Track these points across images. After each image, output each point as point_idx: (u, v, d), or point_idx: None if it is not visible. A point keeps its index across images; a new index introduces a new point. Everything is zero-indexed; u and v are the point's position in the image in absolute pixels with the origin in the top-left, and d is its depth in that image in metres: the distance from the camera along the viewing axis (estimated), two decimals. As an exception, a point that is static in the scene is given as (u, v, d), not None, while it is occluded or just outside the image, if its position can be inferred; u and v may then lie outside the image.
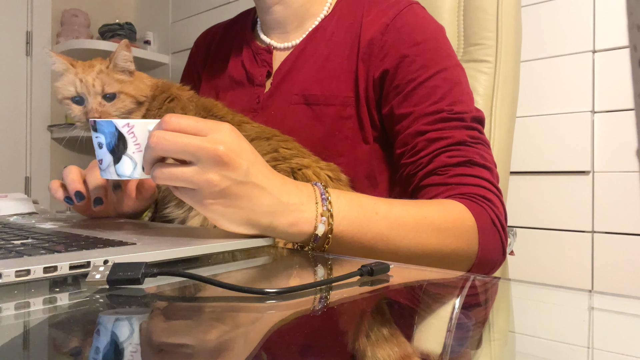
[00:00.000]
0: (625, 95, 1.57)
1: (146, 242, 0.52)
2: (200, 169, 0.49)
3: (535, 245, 1.71)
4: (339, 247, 0.58)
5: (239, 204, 0.52)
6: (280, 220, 0.54)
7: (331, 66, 0.81)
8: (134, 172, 0.54)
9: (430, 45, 0.76)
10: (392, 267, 0.46)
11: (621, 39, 1.58)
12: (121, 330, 0.32)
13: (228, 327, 0.32)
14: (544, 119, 1.71)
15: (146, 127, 0.53)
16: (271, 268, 0.52)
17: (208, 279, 0.40)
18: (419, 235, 0.60)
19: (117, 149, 0.53)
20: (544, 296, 0.45)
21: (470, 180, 0.68)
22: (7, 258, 0.43)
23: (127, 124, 0.53)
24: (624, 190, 1.57)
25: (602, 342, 0.32)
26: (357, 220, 0.58)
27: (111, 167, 0.54)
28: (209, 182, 0.49)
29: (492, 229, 0.66)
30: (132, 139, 0.53)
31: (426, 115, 0.72)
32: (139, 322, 0.34)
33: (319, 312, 0.36)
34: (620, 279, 1.56)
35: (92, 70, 0.77)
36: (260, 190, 0.52)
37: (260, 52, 0.89)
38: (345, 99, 0.79)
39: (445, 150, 0.70)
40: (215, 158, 0.49)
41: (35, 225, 0.67)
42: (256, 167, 0.52)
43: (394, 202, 0.62)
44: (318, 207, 0.56)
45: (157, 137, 0.49)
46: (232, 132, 0.51)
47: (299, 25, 0.86)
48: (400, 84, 0.75)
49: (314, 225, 0.55)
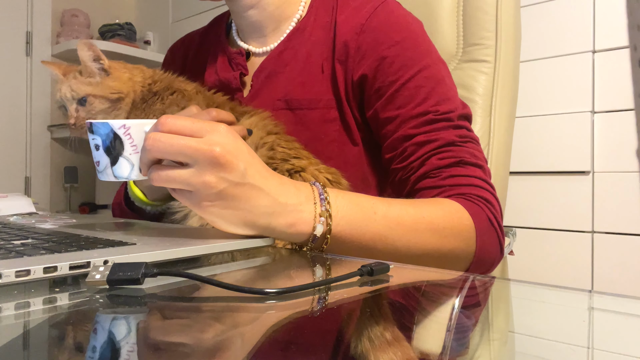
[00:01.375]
0: (625, 95, 1.57)
1: (146, 242, 0.52)
2: (197, 171, 0.49)
3: (535, 245, 1.71)
4: (337, 247, 0.57)
5: (237, 205, 0.51)
6: (279, 221, 0.54)
7: (311, 68, 0.79)
8: (132, 173, 0.53)
9: (409, 43, 0.74)
10: (392, 267, 0.46)
11: (621, 39, 1.58)
12: (121, 330, 0.32)
13: (228, 327, 0.32)
14: (544, 119, 1.71)
15: (142, 128, 0.53)
16: (271, 268, 0.52)
17: (208, 279, 0.40)
18: (418, 235, 0.60)
19: (113, 151, 0.53)
20: (544, 296, 0.45)
21: (464, 180, 0.67)
22: (7, 258, 0.43)
23: (123, 125, 0.52)
24: (624, 190, 1.56)
25: (602, 342, 0.32)
26: (356, 220, 0.57)
27: (108, 169, 0.54)
28: (205, 184, 0.49)
29: (489, 227, 0.66)
30: (129, 140, 0.53)
31: (412, 119, 0.71)
32: (138, 322, 0.34)
33: (318, 312, 0.36)
34: (620, 279, 1.56)
35: (68, 79, 0.81)
36: (257, 191, 0.52)
37: (235, 58, 0.86)
38: (327, 101, 0.77)
39: (435, 152, 0.69)
40: (211, 160, 0.49)
41: (35, 225, 0.67)
42: (253, 167, 0.52)
43: (393, 201, 0.62)
44: (316, 208, 0.55)
45: (152, 139, 0.49)
46: (229, 133, 0.51)
47: (275, 28, 0.84)
48: (381, 86, 0.73)
49: (312, 226, 0.55)
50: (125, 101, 0.81)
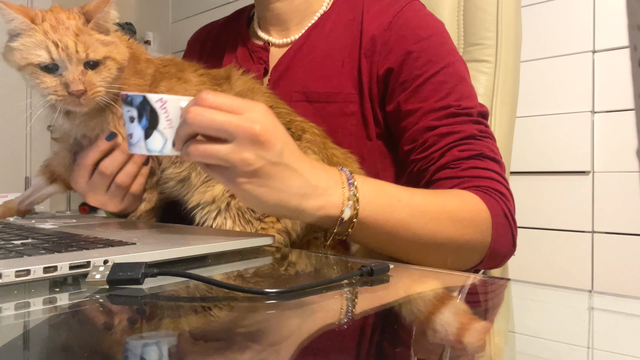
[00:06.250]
0: (625, 95, 1.57)
1: (146, 242, 0.52)
2: (236, 147, 0.49)
3: (535, 245, 1.71)
4: (361, 233, 0.58)
5: (271, 184, 0.52)
6: (309, 203, 0.54)
7: (331, 62, 0.81)
8: (164, 148, 0.53)
9: (435, 40, 0.77)
10: (392, 267, 0.46)
11: (621, 39, 1.58)
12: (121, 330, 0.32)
13: (228, 327, 0.32)
14: (544, 119, 1.71)
15: (178, 103, 0.53)
16: (271, 268, 0.52)
17: (208, 279, 0.40)
18: (439, 224, 0.61)
19: (148, 124, 0.53)
20: (544, 296, 0.45)
21: (482, 173, 0.69)
22: (7, 258, 0.43)
23: (160, 99, 0.53)
24: (624, 190, 1.56)
25: (602, 342, 0.32)
26: (381, 207, 0.58)
27: (141, 142, 0.53)
28: (244, 160, 0.49)
29: (505, 221, 0.67)
30: (165, 114, 0.53)
31: (434, 111, 0.73)
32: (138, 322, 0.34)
33: (319, 312, 0.36)
34: (620, 279, 1.56)
35: (68, 30, 0.62)
36: (292, 172, 0.52)
37: (256, 50, 0.89)
38: (347, 95, 0.80)
39: (457, 144, 0.71)
40: (251, 137, 0.49)
41: (35, 225, 0.67)
42: (289, 148, 0.53)
43: (415, 190, 0.63)
44: (345, 192, 0.56)
45: (194, 113, 0.49)
46: (267, 112, 0.52)
47: (299, 22, 0.87)
48: (406, 80, 0.76)
49: (340, 209, 0.56)
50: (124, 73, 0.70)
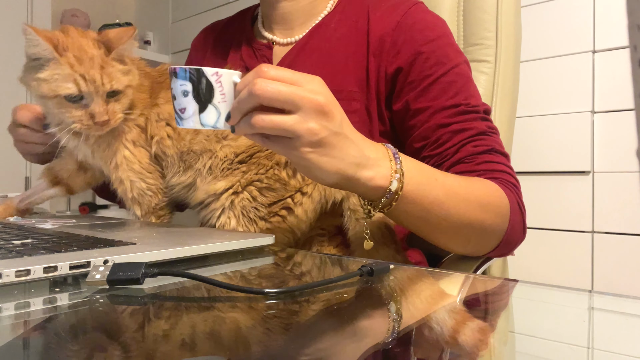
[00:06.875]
0: (625, 95, 1.57)
1: (146, 242, 0.52)
2: (302, 118, 0.50)
3: (535, 245, 1.71)
4: (402, 207, 0.59)
5: (332, 153, 0.53)
6: (363, 173, 0.56)
7: (334, 61, 0.83)
8: (218, 122, 0.54)
9: (443, 42, 0.79)
10: (392, 268, 0.46)
11: (621, 39, 1.58)
12: (121, 330, 0.32)
13: (228, 327, 0.32)
14: (544, 119, 1.71)
15: (231, 77, 0.54)
16: (271, 268, 0.52)
17: (208, 279, 0.40)
18: (468, 205, 0.63)
19: (203, 98, 0.53)
20: (544, 296, 0.45)
21: (495, 166, 0.72)
22: (7, 258, 0.43)
23: (216, 72, 0.53)
24: (624, 190, 1.56)
25: (602, 342, 0.32)
26: (421, 183, 0.60)
27: (195, 116, 0.54)
28: (310, 130, 0.51)
29: (518, 209, 0.70)
30: (219, 88, 0.53)
31: (445, 109, 0.75)
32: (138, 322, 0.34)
33: (319, 312, 0.36)
34: (620, 279, 1.56)
35: (92, 62, 0.66)
36: (350, 142, 0.55)
37: (260, 48, 0.90)
38: (349, 93, 0.81)
39: (470, 140, 0.73)
40: (317, 107, 0.51)
41: (35, 225, 0.67)
42: (345, 120, 0.55)
43: (446, 173, 0.65)
44: (392, 165, 0.58)
45: (259, 85, 0.49)
46: (325, 84, 0.53)
47: (303, 22, 0.88)
48: (415, 79, 0.77)
49: (389, 181, 0.57)
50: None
